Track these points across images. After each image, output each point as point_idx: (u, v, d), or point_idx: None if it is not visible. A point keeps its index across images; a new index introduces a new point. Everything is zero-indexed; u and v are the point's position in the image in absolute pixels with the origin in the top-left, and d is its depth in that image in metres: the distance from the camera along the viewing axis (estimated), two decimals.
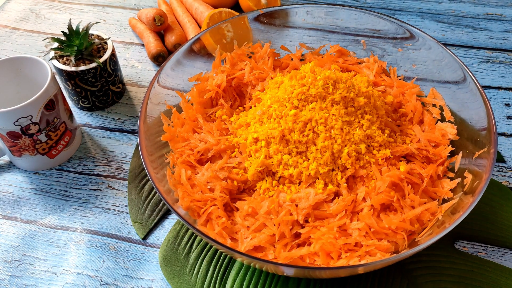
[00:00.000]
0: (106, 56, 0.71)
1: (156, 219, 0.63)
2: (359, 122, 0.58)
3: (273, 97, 0.60)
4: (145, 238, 0.62)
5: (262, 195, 0.57)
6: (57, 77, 0.74)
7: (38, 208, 0.65)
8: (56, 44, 0.72)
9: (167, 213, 0.64)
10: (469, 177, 0.55)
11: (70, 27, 0.69)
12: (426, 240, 0.48)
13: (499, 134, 0.72)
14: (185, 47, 0.66)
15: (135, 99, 0.79)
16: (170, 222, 0.63)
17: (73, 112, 0.73)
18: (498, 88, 0.79)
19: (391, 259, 0.46)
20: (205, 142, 0.61)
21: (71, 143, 0.70)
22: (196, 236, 0.61)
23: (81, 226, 0.63)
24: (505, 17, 0.91)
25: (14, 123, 0.61)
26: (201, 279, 0.57)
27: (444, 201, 0.56)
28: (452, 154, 0.60)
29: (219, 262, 0.59)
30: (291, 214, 0.54)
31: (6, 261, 0.60)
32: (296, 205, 0.55)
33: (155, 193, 0.65)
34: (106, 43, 0.73)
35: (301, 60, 0.72)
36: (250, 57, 0.71)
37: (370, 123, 0.58)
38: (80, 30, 0.70)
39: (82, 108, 0.77)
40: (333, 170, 0.57)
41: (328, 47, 0.73)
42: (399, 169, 0.57)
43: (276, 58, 0.72)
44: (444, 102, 0.64)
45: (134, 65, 0.85)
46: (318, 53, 0.72)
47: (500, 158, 0.69)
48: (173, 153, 0.60)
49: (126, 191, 0.67)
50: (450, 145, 0.60)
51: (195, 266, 0.58)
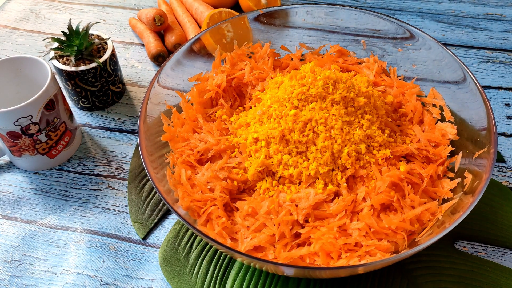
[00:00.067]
0: (106, 56, 0.71)
1: (156, 219, 0.63)
2: (359, 122, 0.58)
3: (273, 97, 0.60)
4: (145, 238, 0.62)
5: (262, 195, 0.57)
6: (57, 77, 0.74)
7: (38, 208, 0.65)
8: (56, 44, 0.72)
9: (167, 213, 0.64)
10: (469, 177, 0.55)
11: (70, 27, 0.69)
12: (426, 240, 0.48)
13: (499, 134, 0.72)
14: (185, 47, 0.66)
15: (135, 99, 0.79)
16: (170, 222, 0.63)
17: (73, 112, 0.73)
18: (498, 88, 0.79)
19: (391, 259, 0.46)
20: (205, 142, 0.61)
21: (71, 143, 0.70)
22: (196, 236, 0.61)
23: (81, 226, 0.63)
24: (505, 17, 0.91)
25: (14, 123, 0.61)
26: (201, 279, 0.57)
27: (444, 201, 0.56)
28: (452, 154, 0.60)
29: (219, 262, 0.59)
30: (291, 214, 0.54)
31: (6, 261, 0.60)
32: (296, 205, 0.55)
33: (155, 193, 0.65)
34: (106, 43, 0.73)
35: (301, 60, 0.72)
36: (250, 57, 0.71)
37: (370, 123, 0.58)
38: (80, 30, 0.70)
39: (82, 108, 0.77)
40: (333, 170, 0.57)
41: (328, 47, 0.73)
42: (399, 169, 0.57)
43: (276, 58, 0.72)
44: (444, 102, 0.64)
45: (134, 65, 0.85)
46: (318, 53, 0.72)
47: (500, 158, 0.69)
48: (173, 153, 0.60)
49: (126, 191, 0.67)
50: (450, 145, 0.60)
51: (195, 266, 0.58)
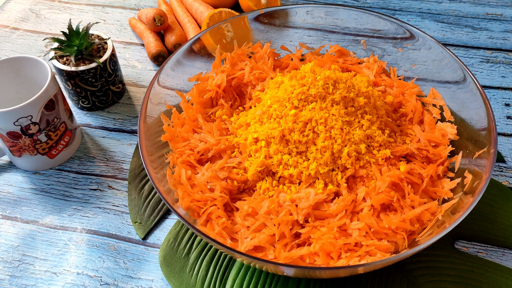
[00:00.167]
0: (106, 56, 0.71)
1: (156, 219, 0.63)
2: (359, 122, 0.58)
3: (273, 97, 0.60)
4: (145, 238, 0.62)
5: (262, 195, 0.57)
6: (57, 77, 0.74)
7: (38, 208, 0.65)
8: (56, 44, 0.72)
9: (167, 213, 0.64)
10: (469, 177, 0.55)
11: (70, 27, 0.69)
12: (426, 240, 0.48)
13: (499, 134, 0.72)
14: (185, 47, 0.66)
15: (135, 99, 0.79)
16: (170, 222, 0.63)
17: (73, 112, 0.73)
18: (498, 88, 0.79)
19: (391, 259, 0.46)
20: (205, 142, 0.61)
21: (71, 143, 0.70)
22: (196, 236, 0.61)
23: (81, 226, 0.63)
24: (505, 17, 0.91)
25: (14, 123, 0.61)
26: (201, 279, 0.57)
27: (444, 201, 0.56)
28: (452, 154, 0.60)
29: (219, 262, 0.59)
30: (291, 214, 0.54)
31: (6, 261, 0.60)
32: (296, 205, 0.55)
33: (155, 193, 0.65)
34: (106, 43, 0.73)
35: (301, 60, 0.72)
36: (250, 57, 0.71)
37: (370, 123, 0.58)
38: (80, 30, 0.70)
39: (82, 108, 0.77)
40: (333, 170, 0.57)
41: (328, 47, 0.73)
42: (399, 169, 0.57)
43: (276, 58, 0.72)
44: (444, 102, 0.64)
45: (134, 65, 0.85)
46: (318, 53, 0.72)
47: (500, 158, 0.69)
48: (173, 153, 0.60)
49: (126, 191, 0.67)
50: (450, 145, 0.60)
51: (195, 266, 0.58)
